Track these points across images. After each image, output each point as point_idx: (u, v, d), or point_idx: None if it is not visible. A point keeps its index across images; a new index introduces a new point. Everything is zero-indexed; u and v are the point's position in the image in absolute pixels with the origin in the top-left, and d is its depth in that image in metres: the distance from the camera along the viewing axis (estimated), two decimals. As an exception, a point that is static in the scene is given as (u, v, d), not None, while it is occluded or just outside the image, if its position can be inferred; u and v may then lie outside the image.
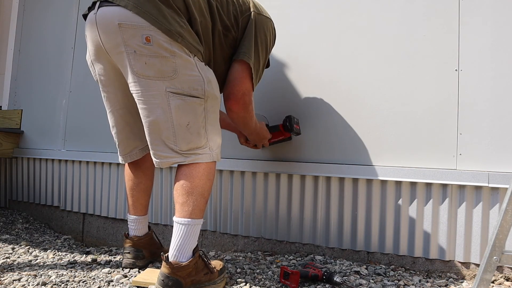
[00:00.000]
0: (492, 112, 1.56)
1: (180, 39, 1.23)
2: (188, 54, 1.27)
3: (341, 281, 1.39)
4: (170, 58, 1.23)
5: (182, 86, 1.26)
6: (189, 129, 1.28)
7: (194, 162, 1.31)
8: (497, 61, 1.57)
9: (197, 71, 1.29)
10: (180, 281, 1.26)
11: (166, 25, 1.21)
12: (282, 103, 1.93)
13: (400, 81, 1.72)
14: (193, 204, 1.30)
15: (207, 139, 1.33)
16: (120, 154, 1.58)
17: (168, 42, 1.22)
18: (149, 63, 1.23)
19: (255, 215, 1.96)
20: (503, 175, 1.51)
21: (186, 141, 1.29)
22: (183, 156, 1.30)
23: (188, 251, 1.30)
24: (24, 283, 1.46)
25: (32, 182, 2.77)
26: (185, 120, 1.27)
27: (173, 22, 1.23)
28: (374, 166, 1.72)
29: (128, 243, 1.63)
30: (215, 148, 1.36)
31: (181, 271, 1.27)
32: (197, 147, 1.31)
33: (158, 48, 1.22)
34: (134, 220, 1.64)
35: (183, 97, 1.26)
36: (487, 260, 1.06)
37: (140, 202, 1.64)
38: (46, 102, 2.75)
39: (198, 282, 1.31)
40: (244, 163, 1.96)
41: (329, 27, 1.87)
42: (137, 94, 1.28)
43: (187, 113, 1.27)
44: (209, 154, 1.33)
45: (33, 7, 2.96)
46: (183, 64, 1.25)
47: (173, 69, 1.24)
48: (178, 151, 1.29)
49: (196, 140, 1.30)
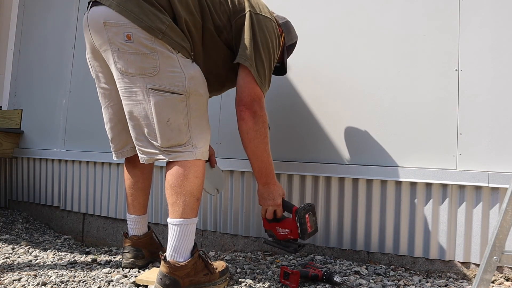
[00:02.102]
0: (492, 112, 1.56)
1: (161, 35, 1.24)
2: (170, 50, 1.27)
3: (341, 281, 1.39)
4: (151, 55, 1.25)
5: (162, 83, 1.26)
6: (170, 125, 1.28)
7: (175, 160, 1.29)
8: (497, 61, 1.57)
9: (179, 67, 1.29)
10: (178, 281, 1.26)
11: (147, 22, 1.23)
12: (282, 103, 1.93)
13: (400, 81, 1.72)
14: (183, 204, 1.29)
15: (190, 136, 1.31)
16: (112, 150, 1.59)
17: (149, 39, 1.24)
18: (131, 60, 1.25)
19: (255, 215, 1.96)
20: (503, 175, 1.51)
21: (167, 137, 1.28)
22: (164, 153, 1.30)
23: (185, 251, 1.30)
24: (24, 283, 1.46)
25: (32, 182, 2.77)
26: (165, 117, 1.27)
27: (155, 19, 1.24)
28: (374, 166, 1.72)
29: (128, 243, 1.63)
30: (200, 146, 1.33)
31: (179, 271, 1.27)
32: (178, 144, 1.29)
33: (139, 45, 1.24)
34: (133, 220, 1.65)
35: (163, 93, 1.26)
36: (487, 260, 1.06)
37: (138, 201, 1.64)
38: (46, 102, 2.75)
39: (197, 282, 1.31)
40: (244, 163, 1.96)
41: (329, 27, 1.87)
42: (121, 91, 1.31)
43: (167, 109, 1.27)
44: (191, 152, 1.31)
45: (33, 7, 2.96)
46: (164, 61, 1.26)
47: (154, 66, 1.25)
48: (159, 147, 1.29)
49: (176, 137, 1.29)
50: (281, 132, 1.92)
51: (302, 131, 1.88)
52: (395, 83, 1.72)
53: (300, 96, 1.90)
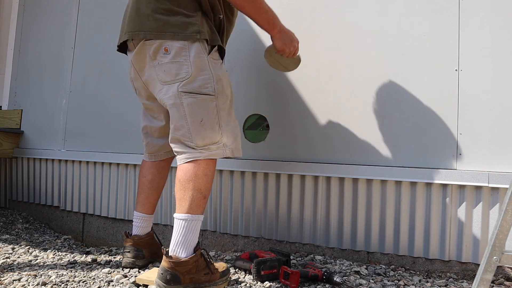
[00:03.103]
0: (492, 112, 1.56)
1: (199, 35, 1.35)
2: (203, 51, 1.37)
3: (341, 281, 1.39)
4: (183, 62, 1.35)
5: (193, 86, 1.34)
6: (203, 125, 1.35)
7: (209, 158, 1.35)
8: (497, 61, 1.57)
9: (209, 69, 1.37)
10: (178, 276, 1.27)
11: (180, 33, 1.34)
12: (282, 103, 1.93)
13: (400, 81, 1.72)
14: (190, 199, 1.32)
15: (221, 134, 1.38)
16: (146, 152, 1.69)
17: (184, 47, 1.35)
18: (167, 69, 1.36)
19: (255, 215, 1.96)
20: (503, 175, 1.51)
21: (201, 136, 1.35)
22: (198, 152, 1.35)
23: (189, 247, 1.32)
24: (24, 283, 1.46)
25: (32, 182, 2.77)
26: (198, 117, 1.35)
27: (185, 26, 1.34)
28: (374, 166, 1.72)
29: (129, 242, 1.63)
30: (229, 144, 1.40)
31: (180, 267, 1.28)
32: (212, 142, 1.37)
33: (175, 55, 1.35)
34: (140, 218, 1.67)
35: (195, 95, 1.35)
36: (487, 260, 1.06)
37: (149, 200, 1.68)
38: (46, 102, 2.75)
39: (198, 281, 1.32)
40: (244, 163, 1.96)
41: (329, 27, 1.87)
42: (161, 100, 1.41)
43: (200, 109, 1.35)
44: (222, 150, 1.38)
45: (33, 7, 2.96)
46: (196, 64, 1.35)
47: (187, 71, 1.35)
48: (194, 147, 1.35)
49: (211, 135, 1.36)
50: (281, 132, 1.92)
51: (302, 131, 1.88)
52: (395, 83, 1.72)
53: (300, 96, 1.90)
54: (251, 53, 2.01)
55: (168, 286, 1.26)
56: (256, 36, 2.00)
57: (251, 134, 1.99)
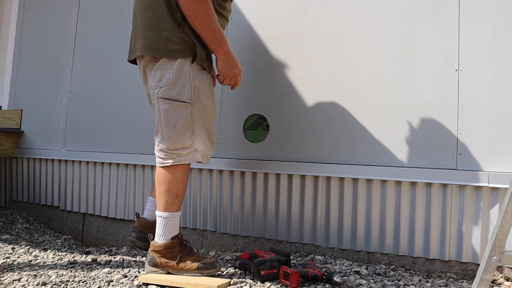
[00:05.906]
0: (492, 112, 1.56)
1: (179, 54, 1.44)
2: (187, 62, 1.45)
3: (341, 281, 1.39)
4: (167, 70, 1.45)
5: (171, 93, 1.45)
6: (176, 130, 1.46)
7: (178, 164, 1.46)
8: (497, 61, 1.57)
9: (189, 78, 1.46)
10: (155, 259, 1.47)
11: (164, 51, 1.44)
12: (282, 103, 1.93)
13: (400, 81, 1.72)
14: (165, 200, 1.48)
15: (193, 140, 1.48)
16: None
17: (169, 61, 1.45)
18: (152, 75, 1.49)
19: (255, 215, 1.96)
20: (503, 175, 1.51)
21: (173, 141, 1.46)
22: (169, 158, 1.47)
23: (165, 237, 1.48)
24: (24, 283, 1.46)
25: (32, 182, 2.77)
26: (172, 122, 1.45)
27: (168, 44, 1.43)
28: (374, 166, 1.72)
29: (137, 223, 1.75)
30: (201, 150, 1.50)
31: (155, 252, 1.48)
32: (183, 147, 1.47)
33: (161, 63, 1.46)
34: (152, 202, 1.77)
35: (171, 101, 1.45)
36: (487, 260, 1.06)
37: None
38: (46, 102, 2.75)
39: (171, 267, 1.47)
40: (244, 163, 1.96)
41: (329, 27, 1.87)
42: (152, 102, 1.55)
43: (174, 115, 1.45)
44: (192, 155, 1.48)
45: (33, 7, 2.96)
46: (177, 73, 1.44)
47: (168, 78, 1.45)
48: (166, 150, 1.47)
49: (182, 140, 1.46)
50: (281, 132, 1.92)
51: (302, 131, 1.88)
52: (395, 83, 1.72)
53: (300, 96, 1.90)
54: (251, 53, 2.01)
55: (148, 266, 1.49)
56: (256, 36, 2.00)
57: (251, 134, 1.99)
